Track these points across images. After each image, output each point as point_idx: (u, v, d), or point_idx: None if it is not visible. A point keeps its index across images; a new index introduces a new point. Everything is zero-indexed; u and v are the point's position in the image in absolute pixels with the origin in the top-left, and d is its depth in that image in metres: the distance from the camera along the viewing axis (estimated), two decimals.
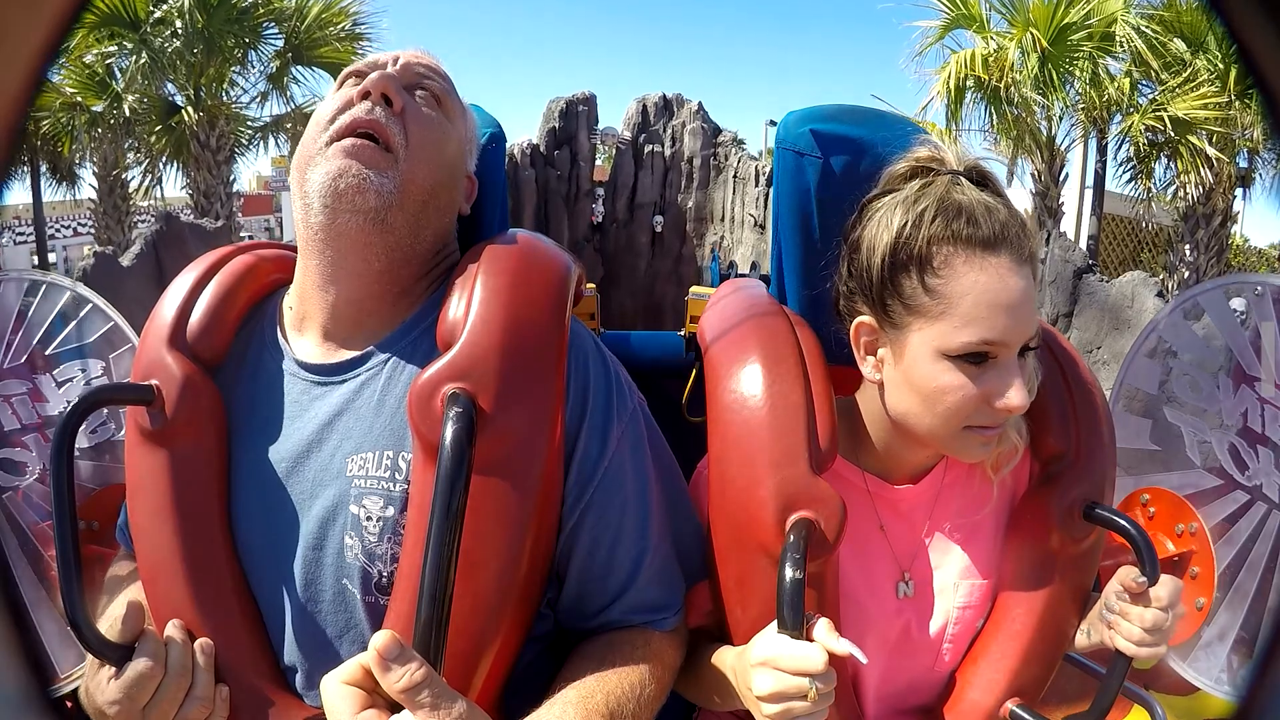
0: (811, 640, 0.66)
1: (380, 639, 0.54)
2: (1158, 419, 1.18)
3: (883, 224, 0.77)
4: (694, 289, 1.27)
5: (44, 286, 1.18)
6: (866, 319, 0.79)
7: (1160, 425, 1.17)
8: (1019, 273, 0.72)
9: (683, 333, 1.26)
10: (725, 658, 0.77)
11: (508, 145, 1.52)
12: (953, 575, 0.85)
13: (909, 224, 0.74)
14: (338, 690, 0.55)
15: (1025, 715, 0.81)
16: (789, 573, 0.67)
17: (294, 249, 0.83)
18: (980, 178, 0.77)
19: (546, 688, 0.71)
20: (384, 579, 0.72)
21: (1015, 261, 0.72)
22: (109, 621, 0.70)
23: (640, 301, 4.47)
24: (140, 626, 0.69)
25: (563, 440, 0.74)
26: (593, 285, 1.00)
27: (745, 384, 0.81)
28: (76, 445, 0.68)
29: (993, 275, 0.72)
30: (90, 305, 1.21)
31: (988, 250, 0.72)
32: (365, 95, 0.76)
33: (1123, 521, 0.78)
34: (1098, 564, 0.86)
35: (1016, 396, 0.71)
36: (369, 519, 0.72)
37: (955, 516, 0.86)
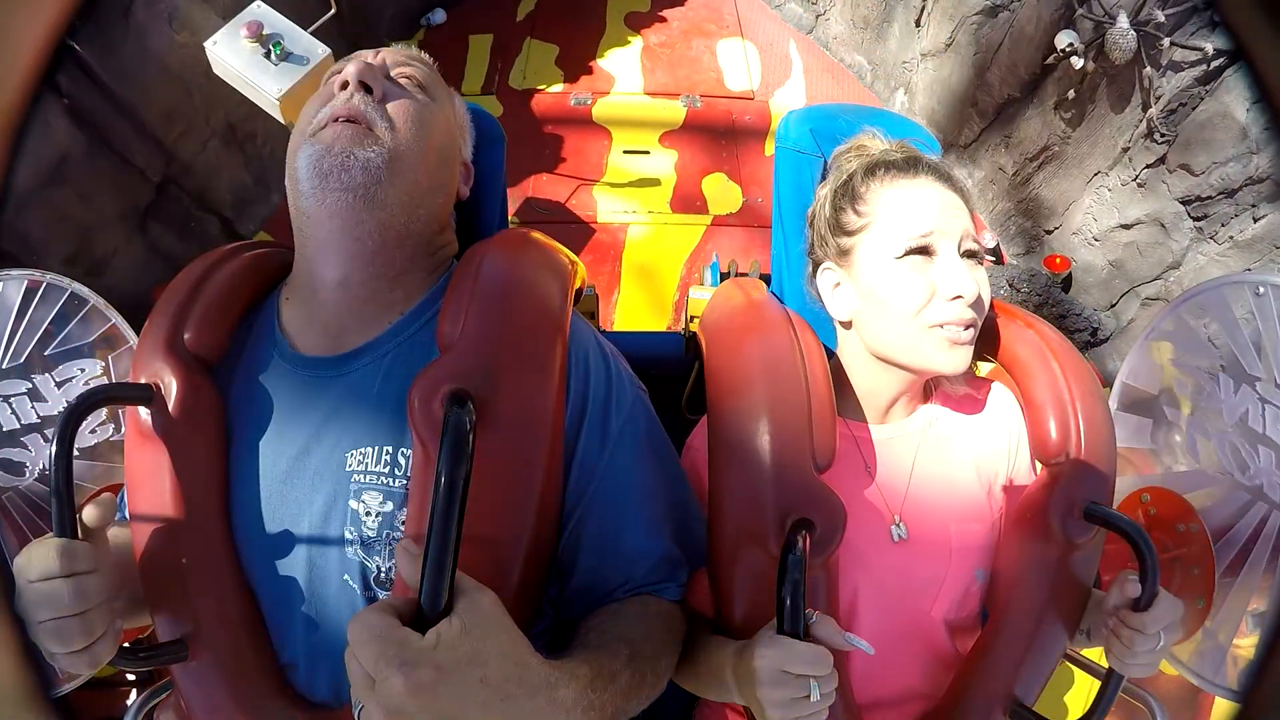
0: (811, 639, 0.67)
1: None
2: (1158, 419, 1.18)
3: (824, 190, 0.91)
4: (694, 289, 1.27)
5: (44, 286, 1.18)
6: (827, 265, 0.88)
7: (1160, 425, 1.18)
8: (938, 186, 0.83)
9: (683, 332, 1.26)
10: (722, 654, 0.77)
11: None
12: (945, 519, 0.86)
13: (842, 178, 0.88)
14: (368, 613, 0.54)
15: (1025, 715, 0.81)
16: (789, 575, 0.67)
17: (293, 247, 0.84)
18: (912, 158, 0.86)
19: None
20: (383, 574, 0.72)
21: (934, 179, 0.83)
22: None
23: None
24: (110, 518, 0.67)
25: (564, 437, 0.74)
26: (593, 284, 0.99)
27: (745, 385, 0.82)
28: (76, 445, 0.68)
29: (911, 188, 0.83)
30: (90, 305, 1.22)
31: (904, 173, 0.84)
32: (345, 86, 0.77)
33: (1123, 522, 0.78)
34: (1098, 564, 0.85)
35: (964, 283, 0.78)
36: (368, 514, 0.72)
37: (942, 455, 0.88)
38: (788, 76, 3.04)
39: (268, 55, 1.74)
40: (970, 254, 0.81)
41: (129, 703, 0.88)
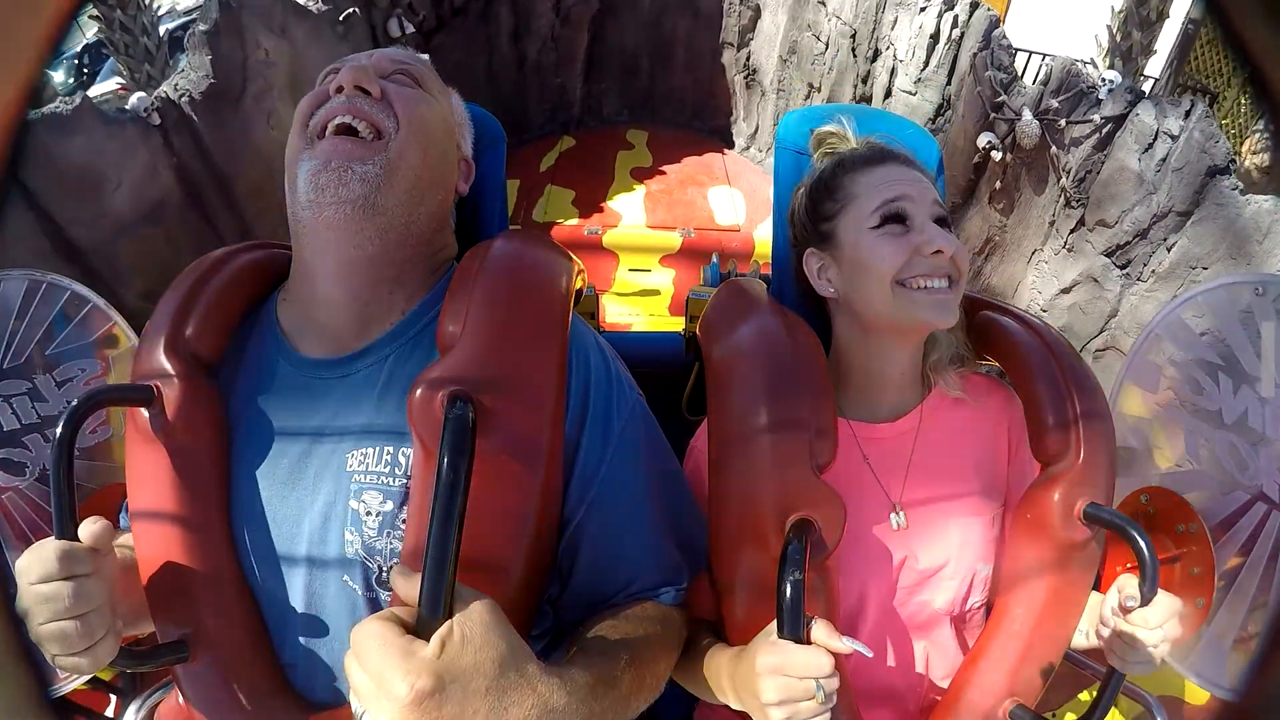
0: (811, 641, 0.67)
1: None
2: (1158, 419, 1.18)
3: (800, 189, 0.97)
4: (694, 289, 1.27)
5: (44, 286, 1.18)
6: (811, 251, 0.92)
7: (1160, 425, 1.17)
8: (904, 168, 0.88)
9: (683, 332, 1.26)
10: (721, 660, 0.78)
11: None
12: (945, 509, 0.87)
13: (815, 173, 0.95)
14: (372, 622, 0.55)
15: (1025, 715, 0.81)
16: (789, 576, 0.67)
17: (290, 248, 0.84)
18: (878, 150, 0.92)
19: None
20: (384, 574, 0.72)
21: (900, 164, 0.89)
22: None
23: (644, 37, 3.95)
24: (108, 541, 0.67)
25: (564, 439, 0.74)
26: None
27: (745, 385, 0.82)
28: (76, 445, 0.68)
29: (880, 169, 0.88)
30: (91, 305, 1.21)
31: (871, 163, 0.90)
32: (340, 89, 0.77)
33: (1123, 522, 0.78)
34: (1098, 564, 0.85)
35: (940, 238, 0.82)
36: (369, 514, 0.72)
37: (939, 450, 0.89)
38: (769, 213, 3.43)
39: None
40: (941, 220, 0.86)
41: (128, 703, 0.88)
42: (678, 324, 2.91)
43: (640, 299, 3.02)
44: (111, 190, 2.04)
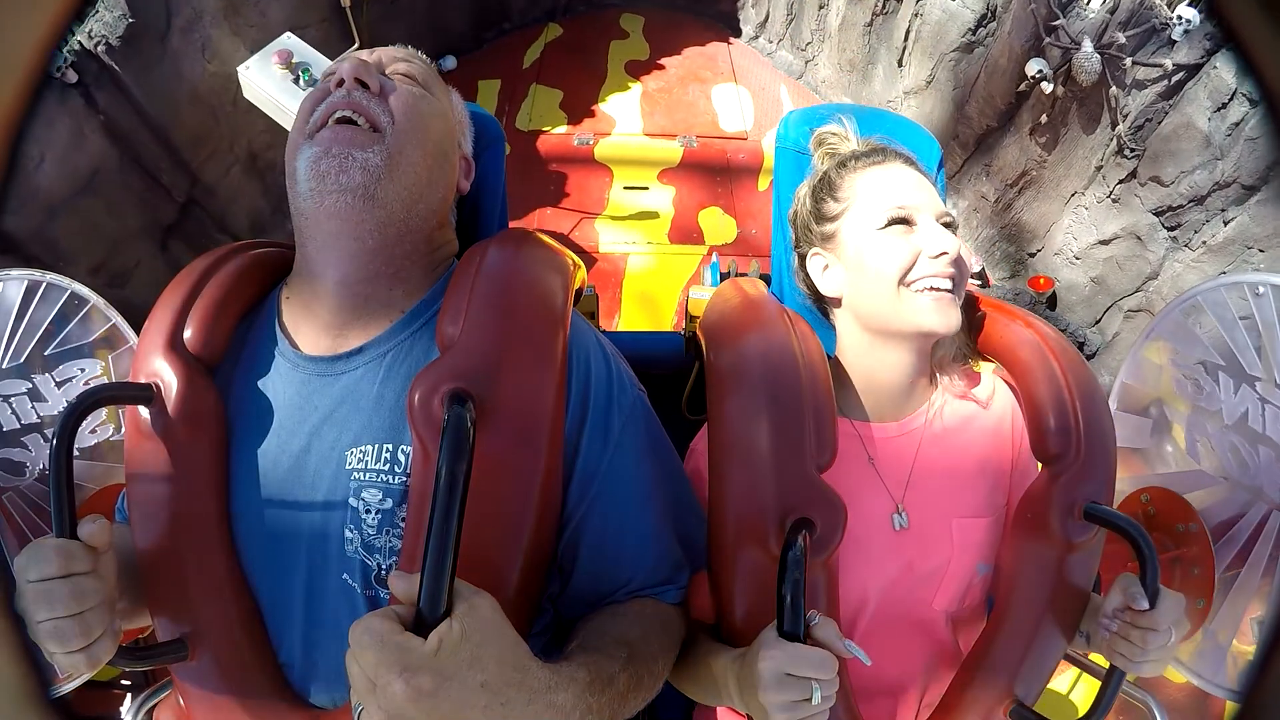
0: (812, 640, 0.67)
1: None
2: (1158, 419, 1.18)
3: (803, 189, 0.97)
4: (694, 289, 1.27)
5: (43, 286, 1.18)
6: (814, 251, 0.92)
7: (1160, 425, 1.17)
8: (908, 169, 0.89)
9: (683, 332, 1.26)
10: (723, 660, 0.78)
11: None
12: (946, 511, 0.87)
13: (817, 174, 0.95)
14: (371, 619, 0.55)
15: (1025, 715, 0.81)
16: (789, 575, 0.67)
17: (294, 246, 0.84)
18: (879, 149, 0.92)
19: None
20: (383, 572, 0.72)
21: (903, 163, 0.90)
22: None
23: None
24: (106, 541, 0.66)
25: (564, 437, 0.74)
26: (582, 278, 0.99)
27: (745, 384, 0.82)
28: (76, 445, 0.68)
29: (884, 170, 0.89)
30: (90, 305, 1.21)
31: (874, 162, 0.90)
32: (341, 83, 0.78)
33: (1123, 522, 0.78)
34: (1098, 564, 0.85)
35: (945, 240, 0.83)
36: (368, 511, 0.72)
37: (943, 451, 0.89)
38: (779, 117, 3.10)
39: (296, 81, 1.91)
40: (944, 223, 0.86)
41: (128, 703, 0.88)
42: (678, 252, 2.75)
43: (637, 222, 2.78)
44: (34, 168, 1.80)
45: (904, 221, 0.85)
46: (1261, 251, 1.83)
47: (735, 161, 3.02)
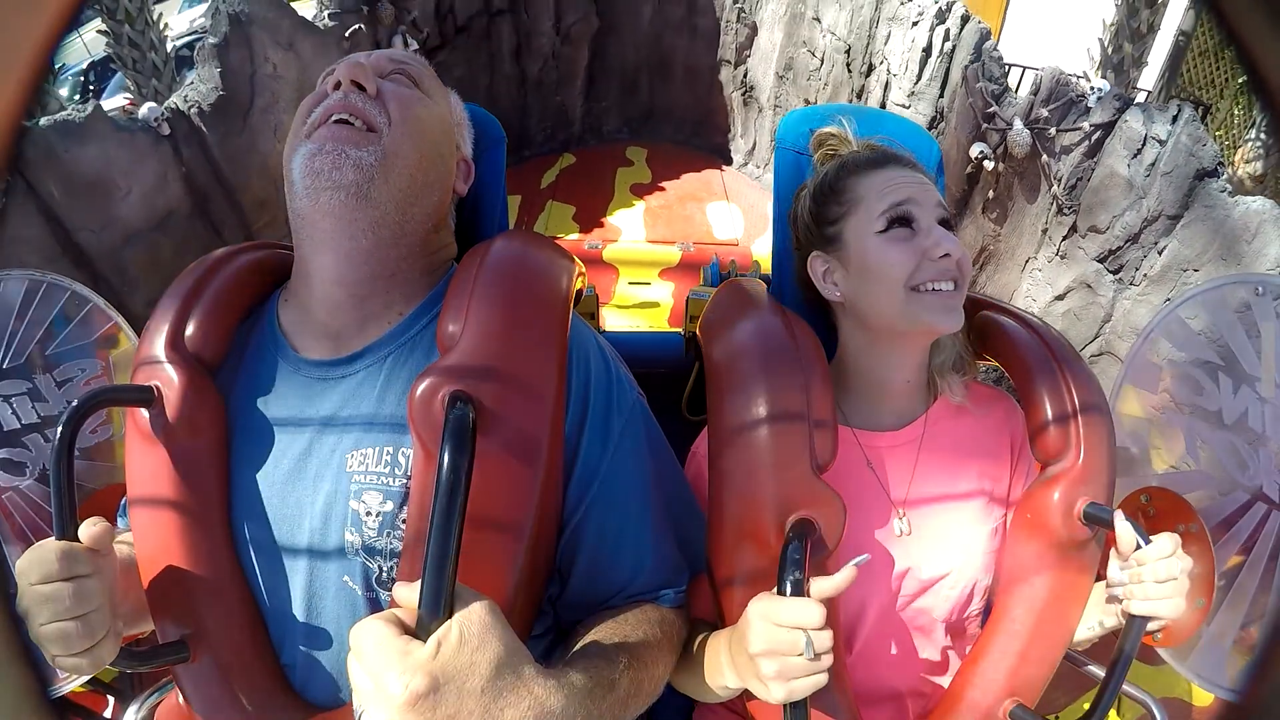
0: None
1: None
2: (1158, 419, 1.18)
3: (803, 191, 0.97)
4: (694, 289, 1.27)
5: (44, 286, 1.18)
6: (816, 254, 0.92)
7: (1160, 425, 1.17)
8: (908, 170, 0.89)
9: (683, 332, 1.26)
10: (720, 641, 0.77)
11: None
12: (948, 518, 0.87)
13: (819, 178, 0.94)
14: (371, 622, 0.54)
15: (1025, 715, 0.81)
16: (789, 576, 0.67)
17: (292, 249, 0.84)
18: (880, 153, 0.92)
19: None
20: (384, 574, 0.72)
21: (902, 166, 0.90)
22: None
23: (644, 55, 4.04)
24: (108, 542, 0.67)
25: (564, 439, 0.74)
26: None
27: (745, 384, 0.81)
28: (76, 445, 0.68)
29: (884, 172, 0.89)
30: (91, 305, 1.22)
31: (874, 166, 0.90)
32: (338, 85, 0.78)
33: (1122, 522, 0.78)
34: (1098, 564, 0.85)
35: (947, 243, 0.83)
36: (369, 514, 0.72)
37: (943, 458, 0.89)
38: (767, 228, 3.62)
39: None
40: (944, 222, 0.86)
41: (128, 703, 0.88)
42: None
43: (641, 310, 3.07)
44: (121, 197, 2.08)
45: (905, 222, 0.85)
46: (1196, 271, 2.01)
47: (727, 263, 3.31)
